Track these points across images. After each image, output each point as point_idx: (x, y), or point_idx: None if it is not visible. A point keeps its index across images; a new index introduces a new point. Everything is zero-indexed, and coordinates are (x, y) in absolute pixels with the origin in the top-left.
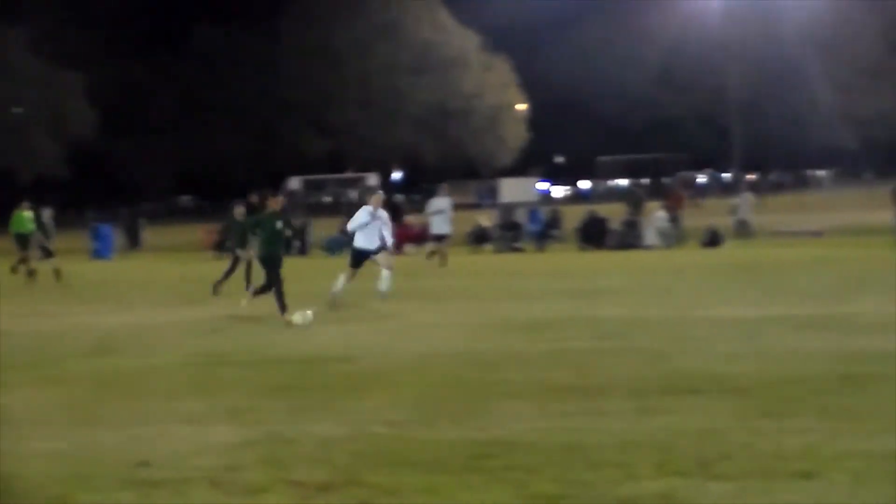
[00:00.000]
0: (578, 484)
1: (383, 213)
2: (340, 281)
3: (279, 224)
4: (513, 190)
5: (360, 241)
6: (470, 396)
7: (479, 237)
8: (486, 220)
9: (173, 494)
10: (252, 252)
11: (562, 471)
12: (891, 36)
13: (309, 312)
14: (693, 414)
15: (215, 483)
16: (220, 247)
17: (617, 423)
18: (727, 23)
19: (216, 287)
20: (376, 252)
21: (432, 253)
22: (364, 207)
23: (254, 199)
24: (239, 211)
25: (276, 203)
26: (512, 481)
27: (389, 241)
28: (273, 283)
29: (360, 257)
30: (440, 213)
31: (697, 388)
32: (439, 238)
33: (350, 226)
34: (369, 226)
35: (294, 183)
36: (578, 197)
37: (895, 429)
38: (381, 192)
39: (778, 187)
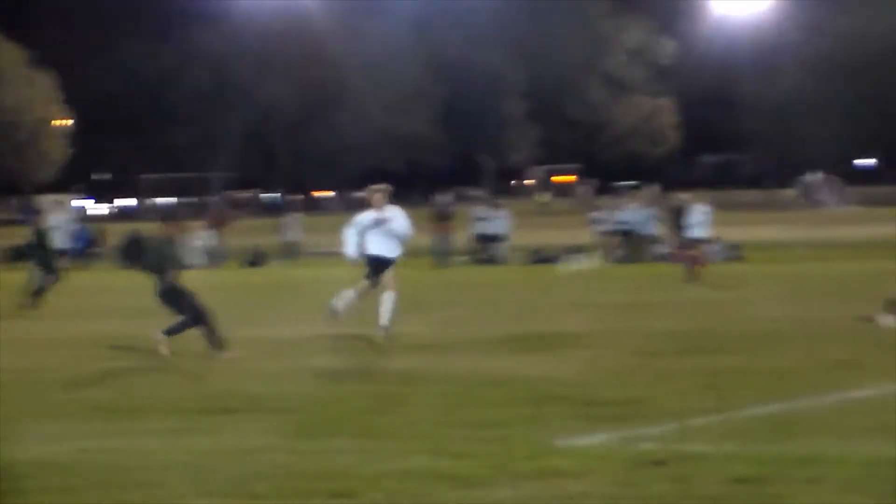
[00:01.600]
0: None
1: (396, 212)
2: (365, 296)
3: (169, 250)
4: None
5: (374, 248)
6: (7, 416)
7: (19, 254)
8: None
9: None
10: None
11: (100, 492)
12: (433, 60)
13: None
14: (232, 434)
15: None
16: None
17: (157, 443)
18: (272, 43)
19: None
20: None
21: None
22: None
23: None
24: (42, 220)
25: (171, 228)
26: None
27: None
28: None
29: (378, 266)
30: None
31: (236, 408)
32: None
33: (348, 242)
34: (376, 231)
35: None
36: (123, 215)
37: (430, 448)
38: (383, 186)
39: (325, 207)
